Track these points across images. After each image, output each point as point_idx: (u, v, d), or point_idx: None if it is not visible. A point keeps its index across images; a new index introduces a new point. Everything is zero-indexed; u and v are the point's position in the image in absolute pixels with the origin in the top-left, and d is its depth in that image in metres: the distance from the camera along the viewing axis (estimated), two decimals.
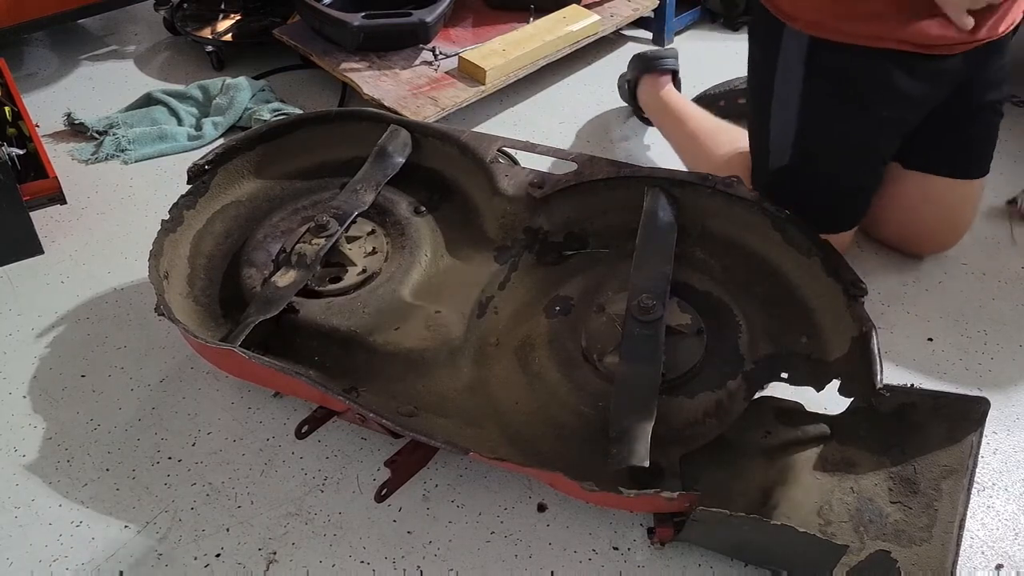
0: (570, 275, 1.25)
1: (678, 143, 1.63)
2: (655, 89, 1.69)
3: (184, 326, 1.13)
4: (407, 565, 1.05)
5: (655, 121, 1.71)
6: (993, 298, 1.38)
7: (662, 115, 1.67)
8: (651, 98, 1.70)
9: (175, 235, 1.28)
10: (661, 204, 1.24)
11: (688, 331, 1.13)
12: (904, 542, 0.97)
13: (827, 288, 1.14)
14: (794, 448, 1.08)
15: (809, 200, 1.29)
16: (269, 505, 1.11)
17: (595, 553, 1.05)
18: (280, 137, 1.41)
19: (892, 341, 1.30)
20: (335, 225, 1.26)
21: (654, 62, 1.71)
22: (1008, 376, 1.26)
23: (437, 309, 1.19)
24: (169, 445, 1.19)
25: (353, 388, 1.14)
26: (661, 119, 1.68)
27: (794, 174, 1.33)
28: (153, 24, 2.21)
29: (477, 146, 1.34)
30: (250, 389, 1.25)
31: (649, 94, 1.71)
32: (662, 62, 1.70)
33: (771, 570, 1.02)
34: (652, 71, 1.71)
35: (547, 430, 1.09)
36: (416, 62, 1.85)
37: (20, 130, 1.66)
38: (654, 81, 1.70)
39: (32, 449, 1.19)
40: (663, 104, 1.67)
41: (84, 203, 1.63)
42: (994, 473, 1.13)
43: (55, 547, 1.07)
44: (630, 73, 1.76)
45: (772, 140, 1.33)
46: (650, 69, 1.71)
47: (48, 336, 1.36)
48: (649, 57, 1.71)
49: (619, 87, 1.85)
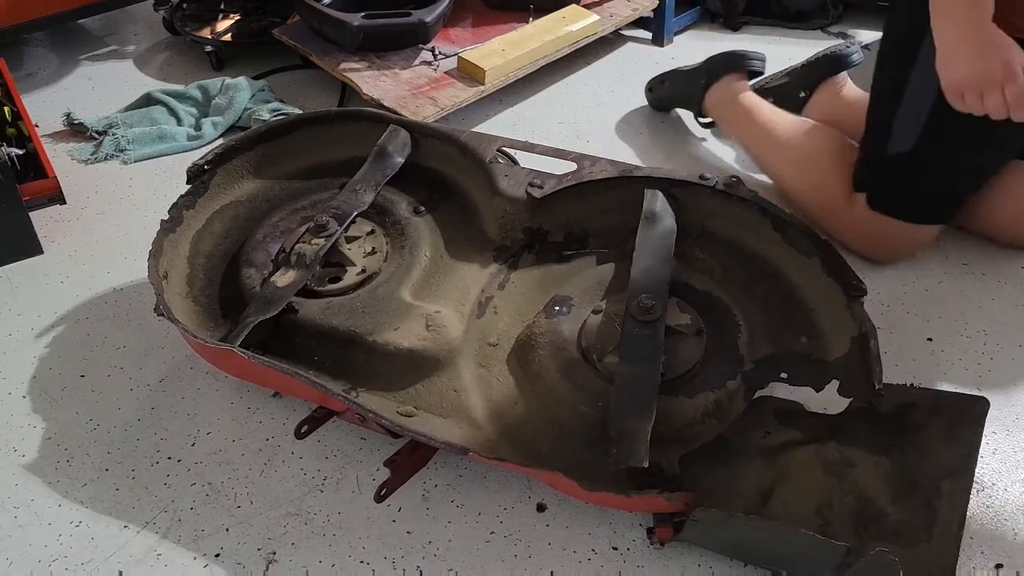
0: (570, 275, 1.25)
1: (758, 145, 1.58)
2: (736, 89, 1.64)
3: (183, 326, 1.13)
4: (407, 565, 1.05)
5: (727, 122, 1.66)
6: (993, 298, 1.38)
7: (741, 116, 1.61)
8: (728, 96, 1.64)
9: (174, 235, 1.28)
10: (661, 204, 1.24)
11: (688, 331, 1.13)
12: (904, 542, 0.97)
13: (827, 288, 1.14)
14: (794, 448, 1.08)
15: (923, 189, 1.30)
16: (268, 505, 1.11)
17: (595, 553, 1.05)
18: (280, 137, 1.41)
19: (892, 341, 1.30)
20: (334, 225, 1.26)
21: (744, 60, 1.65)
22: (1008, 376, 1.26)
23: (437, 309, 1.19)
24: (169, 445, 1.19)
25: (352, 388, 1.14)
26: (739, 120, 1.62)
27: (914, 162, 1.32)
28: (153, 24, 2.21)
29: (477, 146, 1.34)
30: (249, 389, 1.25)
31: (728, 92, 1.64)
32: (751, 62, 1.65)
33: (771, 570, 1.02)
34: (738, 69, 1.65)
35: (547, 430, 1.09)
36: (416, 62, 1.85)
37: (20, 130, 1.66)
38: (735, 81, 1.65)
39: (32, 449, 1.19)
40: (744, 105, 1.60)
41: (84, 203, 1.63)
42: (994, 473, 1.13)
43: (55, 547, 1.07)
44: (711, 68, 1.68)
45: (897, 126, 1.32)
46: (737, 67, 1.65)
47: (48, 336, 1.36)
48: (740, 55, 1.65)
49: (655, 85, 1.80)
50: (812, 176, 1.48)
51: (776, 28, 2.14)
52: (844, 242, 1.42)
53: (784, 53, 2.01)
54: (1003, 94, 1.17)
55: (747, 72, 1.66)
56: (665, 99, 1.81)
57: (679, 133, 1.79)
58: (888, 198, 1.37)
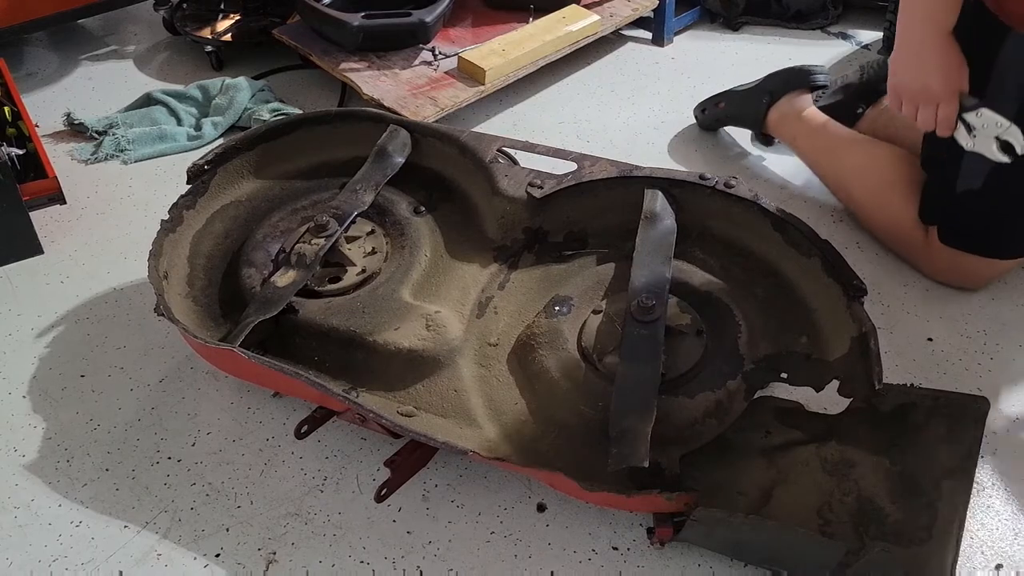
0: (570, 275, 1.25)
1: (825, 166, 1.53)
2: (800, 105, 1.57)
3: (183, 326, 1.13)
4: (407, 565, 1.05)
5: (795, 139, 1.58)
6: (993, 298, 1.38)
7: (807, 135, 1.55)
8: (793, 115, 1.57)
9: (174, 235, 1.28)
10: (661, 204, 1.24)
11: (688, 331, 1.13)
12: (904, 542, 0.97)
13: (827, 288, 1.14)
14: (794, 448, 1.08)
15: (998, 225, 1.26)
16: (269, 505, 1.11)
17: (595, 553, 1.05)
18: (280, 137, 1.41)
19: (892, 341, 1.30)
20: (335, 225, 1.26)
21: (809, 77, 1.58)
22: (1008, 376, 1.26)
23: (437, 309, 1.19)
24: (169, 445, 1.19)
25: (352, 388, 1.14)
26: (805, 138, 1.55)
27: (987, 198, 1.26)
28: (153, 24, 2.21)
29: (477, 146, 1.34)
30: (250, 389, 1.25)
31: (793, 109, 1.57)
32: (815, 78, 1.59)
33: (771, 570, 1.02)
34: (803, 86, 1.59)
35: (547, 430, 1.09)
36: (416, 62, 1.85)
37: (20, 130, 1.66)
38: (799, 97, 1.58)
39: (32, 449, 1.19)
40: (810, 123, 1.54)
41: (84, 203, 1.63)
42: (994, 473, 1.13)
43: (55, 547, 1.07)
44: (772, 86, 1.61)
45: (965, 163, 1.25)
46: (803, 84, 1.59)
47: (48, 336, 1.36)
48: (804, 71, 1.59)
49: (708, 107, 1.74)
50: (886, 208, 1.42)
51: (776, 28, 2.14)
52: (922, 272, 1.39)
53: (784, 53, 2.02)
54: (935, 112, 1.18)
55: (810, 88, 1.60)
56: (721, 119, 1.74)
57: (680, 133, 1.79)
58: (961, 234, 1.32)
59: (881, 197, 1.42)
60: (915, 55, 1.18)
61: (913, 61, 1.19)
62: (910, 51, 1.19)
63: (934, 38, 1.16)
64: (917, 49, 1.18)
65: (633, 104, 1.88)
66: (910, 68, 1.19)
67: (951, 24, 1.15)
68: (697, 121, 1.78)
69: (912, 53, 1.19)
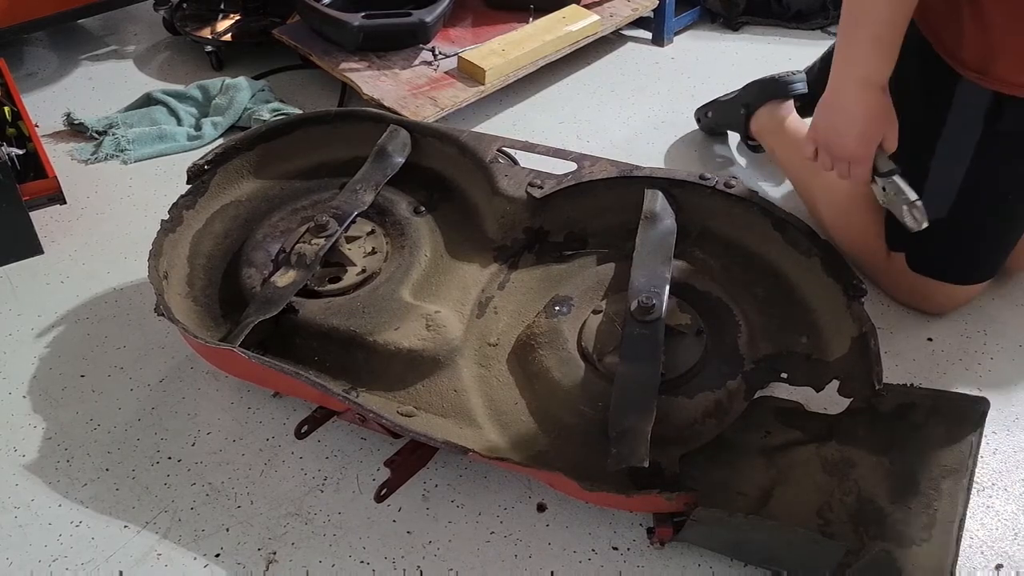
0: (570, 275, 1.25)
1: (797, 178, 1.51)
2: (780, 115, 1.54)
3: (184, 326, 1.13)
4: (407, 565, 1.05)
5: (775, 150, 1.56)
6: (993, 298, 1.38)
7: (787, 145, 1.51)
8: (774, 125, 1.54)
9: (174, 235, 1.28)
10: (661, 204, 1.24)
11: (688, 331, 1.13)
12: (904, 542, 0.97)
13: (827, 288, 1.14)
14: (794, 448, 1.08)
15: (961, 252, 1.24)
16: (269, 505, 1.11)
17: (595, 553, 1.05)
18: (279, 137, 1.41)
19: (892, 341, 1.30)
20: (334, 225, 1.26)
21: (786, 87, 1.53)
22: (1008, 376, 1.26)
23: (437, 309, 1.19)
24: (169, 445, 1.19)
25: (352, 388, 1.14)
26: (784, 149, 1.52)
27: (951, 227, 1.23)
28: (153, 24, 2.21)
29: (477, 146, 1.34)
30: (250, 389, 1.25)
31: (773, 120, 1.54)
32: (793, 87, 1.53)
33: (771, 570, 1.02)
34: (780, 96, 1.54)
35: (547, 430, 1.09)
36: (416, 62, 1.85)
37: (20, 130, 1.65)
38: (779, 106, 1.54)
39: (32, 449, 1.19)
40: (790, 133, 1.51)
41: (84, 203, 1.63)
42: (994, 473, 1.13)
43: (55, 547, 1.07)
44: (749, 98, 1.59)
45: (927, 195, 1.18)
46: (779, 94, 1.54)
47: (48, 336, 1.36)
48: (781, 81, 1.54)
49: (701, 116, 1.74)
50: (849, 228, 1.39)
51: (776, 28, 2.13)
52: (886, 293, 1.37)
53: (784, 53, 2.02)
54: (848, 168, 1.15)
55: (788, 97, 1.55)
56: (713, 127, 1.74)
57: (680, 134, 1.79)
58: (927, 262, 1.29)
59: (846, 216, 1.38)
60: (838, 106, 1.12)
61: (834, 112, 1.13)
62: (835, 99, 1.13)
63: (861, 91, 1.09)
64: (840, 100, 1.12)
65: (633, 104, 1.88)
66: (829, 117, 1.14)
67: (883, 77, 1.09)
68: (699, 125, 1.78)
69: (835, 102, 1.13)
